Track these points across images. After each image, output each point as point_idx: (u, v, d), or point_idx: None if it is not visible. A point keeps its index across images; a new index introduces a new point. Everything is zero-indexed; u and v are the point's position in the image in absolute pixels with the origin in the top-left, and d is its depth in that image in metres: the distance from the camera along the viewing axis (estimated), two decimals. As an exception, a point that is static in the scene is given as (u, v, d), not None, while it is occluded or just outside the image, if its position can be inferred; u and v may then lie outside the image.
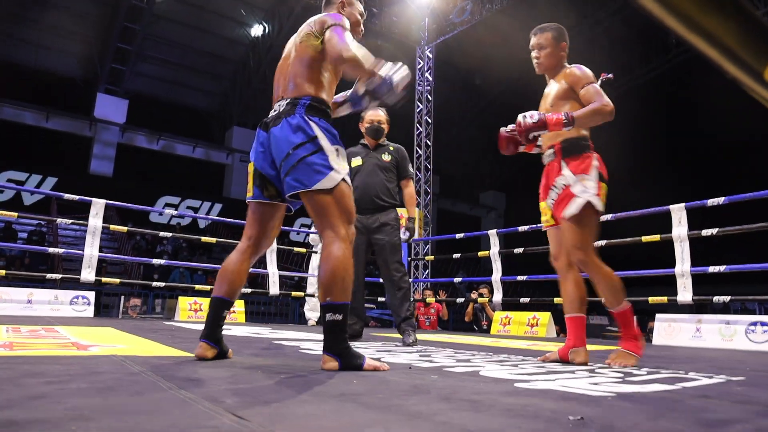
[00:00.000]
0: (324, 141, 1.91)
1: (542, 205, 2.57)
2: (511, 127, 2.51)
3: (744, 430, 1.06)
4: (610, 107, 2.32)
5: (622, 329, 2.40)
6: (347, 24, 2.03)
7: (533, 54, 2.57)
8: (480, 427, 0.98)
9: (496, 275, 6.24)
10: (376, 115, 3.95)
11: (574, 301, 2.47)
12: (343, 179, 1.92)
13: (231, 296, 2.02)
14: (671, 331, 5.04)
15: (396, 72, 1.93)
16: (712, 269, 4.61)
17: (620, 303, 2.37)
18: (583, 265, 2.38)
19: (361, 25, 2.27)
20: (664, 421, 1.11)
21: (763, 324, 4.53)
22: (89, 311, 5.83)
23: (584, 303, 2.48)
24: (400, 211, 3.98)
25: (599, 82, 2.48)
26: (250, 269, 2.19)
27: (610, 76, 2.53)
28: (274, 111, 2.04)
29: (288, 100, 1.99)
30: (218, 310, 1.99)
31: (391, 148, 4.00)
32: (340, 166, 1.92)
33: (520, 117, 2.34)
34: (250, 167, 2.06)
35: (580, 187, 2.35)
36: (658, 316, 5.28)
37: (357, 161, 3.90)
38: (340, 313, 1.80)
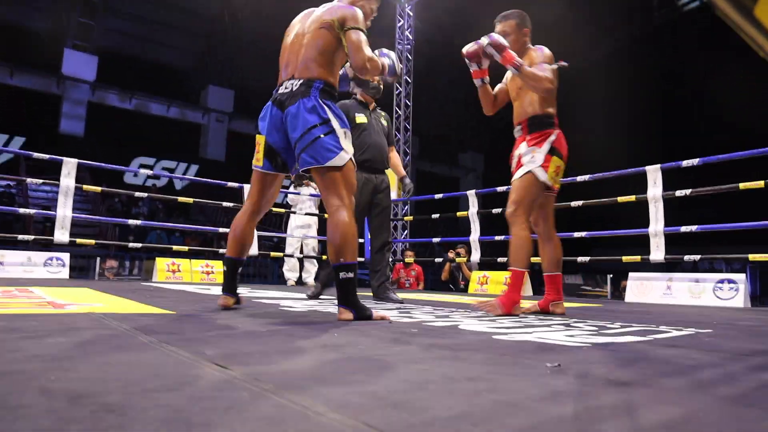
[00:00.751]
0: (336, 124, 2.13)
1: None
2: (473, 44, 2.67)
3: (713, 374, 1.10)
4: (546, 84, 2.57)
5: (509, 286, 2.60)
6: (363, 22, 2.22)
7: None
8: (460, 374, 1.00)
9: (475, 235, 6.30)
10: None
11: (552, 261, 2.79)
12: (350, 158, 2.16)
13: (242, 255, 2.35)
14: (643, 289, 5.18)
15: (394, 61, 2.36)
16: (684, 229, 4.72)
17: (520, 264, 2.57)
18: (511, 218, 2.62)
19: (370, 21, 2.41)
20: (637, 368, 1.15)
21: (729, 281, 4.69)
22: (64, 273, 5.75)
23: (561, 263, 2.80)
24: (387, 173, 4.07)
25: (556, 65, 2.68)
26: (228, 230, 2.43)
27: (565, 64, 2.71)
28: (286, 89, 2.19)
29: (302, 81, 2.16)
30: (233, 268, 2.35)
31: (383, 114, 4.02)
32: (348, 147, 2.16)
33: (484, 38, 2.60)
34: (261, 139, 2.26)
35: (529, 157, 2.64)
36: (630, 274, 5.42)
37: (362, 118, 3.79)
38: (351, 272, 2.05)
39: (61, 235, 5.24)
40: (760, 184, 4.24)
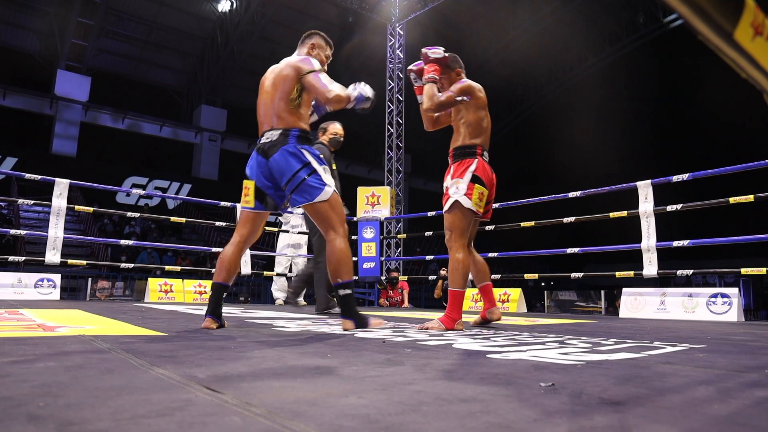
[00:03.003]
0: (315, 164, 2.44)
1: None
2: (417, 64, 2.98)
3: (707, 392, 1.10)
4: (435, 100, 2.82)
5: (448, 305, 2.79)
6: (318, 66, 2.54)
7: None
8: (454, 395, 0.99)
9: (468, 252, 6.30)
10: (338, 129, 4.56)
11: (480, 274, 3.19)
12: (334, 190, 2.48)
13: (228, 281, 2.54)
14: (637, 304, 5.19)
15: (362, 90, 2.54)
16: (676, 244, 4.74)
17: (456, 285, 2.79)
18: (448, 244, 2.87)
19: (326, 65, 2.76)
20: (631, 386, 1.15)
21: (723, 296, 4.70)
22: (55, 294, 5.70)
23: (488, 274, 3.23)
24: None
25: (460, 97, 2.89)
26: (221, 250, 2.71)
27: (467, 99, 2.91)
28: (267, 139, 2.48)
29: (279, 131, 2.46)
30: (219, 293, 2.51)
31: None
32: (330, 181, 2.48)
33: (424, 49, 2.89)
34: (251, 184, 2.52)
35: (454, 189, 2.87)
36: (624, 290, 5.43)
37: (334, 165, 4.35)
38: (348, 288, 2.46)
39: (53, 255, 5.20)
40: (750, 198, 4.28)
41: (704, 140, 16.30)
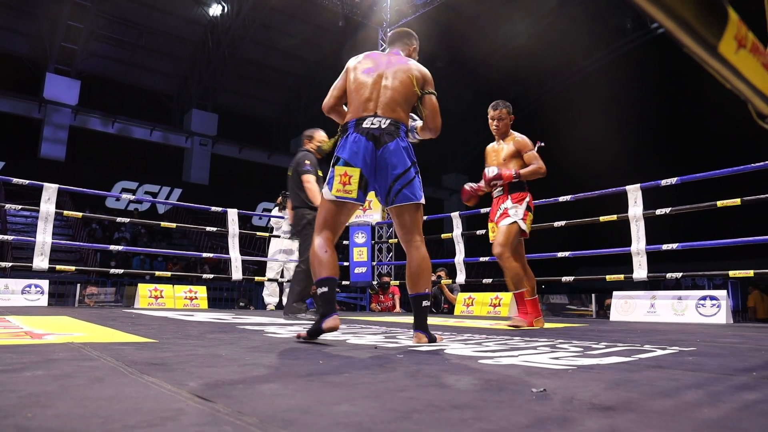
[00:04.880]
0: (417, 166, 2.37)
1: (491, 225, 3.83)
2: (474, 184, 3.79)
3: (697, 396, 1.11)
4: (543, 170, 3.62)
5: (519, 305, 3.69)
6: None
7: (494, 123, 3.75)
8: (446, 402, 0.99)
9: (459, 257, 6.31)
10: (325, 137, 4.43)
11: (531, 287, 3.71)
12: None
13: (337, 275, 2.33)
14: (627, 307, 5.22)
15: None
16: (665, 247, 4.78)
17: (518, 288, 3.61)
18: (500, 257, 3.55)
19: None
20: (621, 391, 1.15)
21: (711, 298, 4.74)
22: (43, 300, 5.64)
23: (535, 289, 3.78)
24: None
25: (536, 147, 3.69)
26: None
27: (542, 144, 3.69)
28: (373, 124, 2.30)
29: (390, 121, 2.31)
30: (333, 287, 2.29)
31: None
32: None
33: (486, 170, 3.69)
34: (356, 172, 2.27)
35: (514, 210, 3.62)
36: (615, 293, 5.47)
37: (320, 172, 4.32)
38: (428, 299, 2.37)
39: (41, 261, 5.15)
40: (737, 201, 4.33)
41: (709, 137, 16.36)
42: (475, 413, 0.90)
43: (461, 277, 6.31)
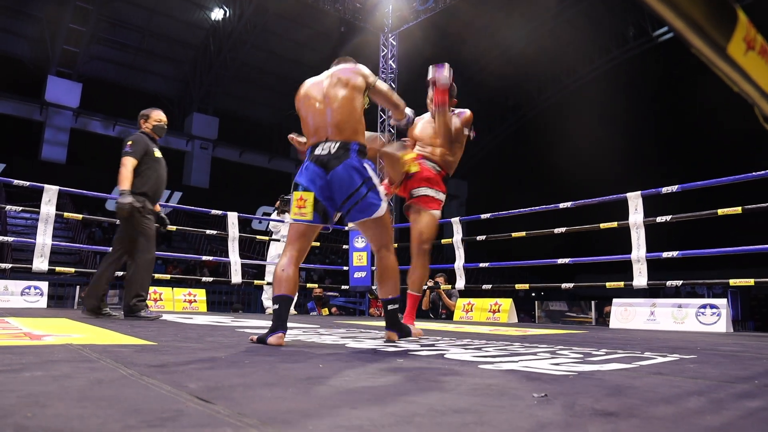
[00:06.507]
0: (375, 179, 2.41)
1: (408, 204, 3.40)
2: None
3: (699, 403, 1.10)
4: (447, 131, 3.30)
5: (412, 309, 3.33)
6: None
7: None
8: (447, 406, 0.99)
9: (459, 262, 6.30)
10: (162, 116, 4.57)
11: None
12: (387, 205, 2.48)
13: (294, 294, 2.41)
14: (627, 315, 5.21)
15: (411, 111, 2.80)
16: (666, 255, 4.78)
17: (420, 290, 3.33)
18: (425, 253, 3.24)
19: None
20: (623, 397, 1.15)
21: (711, 307, 4.74)
22: (42, 302, 5.62)
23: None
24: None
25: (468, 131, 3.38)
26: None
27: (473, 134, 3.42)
28: (325, 151, 2.37)
29: (338, 144, 2.37)
30: (287, 306, 2.36)
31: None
32: (384, 197, 2.46)
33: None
34: (309, 195, 2.38)
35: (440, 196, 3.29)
36: (615, 300, 5.46)
37: (158, 153, 4.37)
38: (397, 303, 2.59)
39: (40, 263, 5.14)
40: (738, 210, 4.33)
41: (710, 145, 16.36)
42: (477, 417, 0.89)
43: (461, 283, 6.30)
